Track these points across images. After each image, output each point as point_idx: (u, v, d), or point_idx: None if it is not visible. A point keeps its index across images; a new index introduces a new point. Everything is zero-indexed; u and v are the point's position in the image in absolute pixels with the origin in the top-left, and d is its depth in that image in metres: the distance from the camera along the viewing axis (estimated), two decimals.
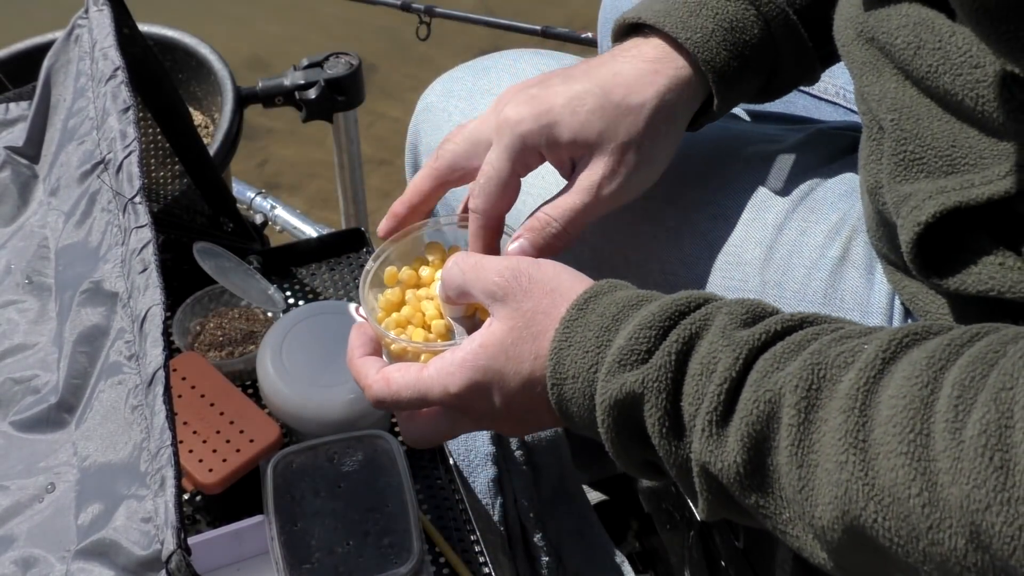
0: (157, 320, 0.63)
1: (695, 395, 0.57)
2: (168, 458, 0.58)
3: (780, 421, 0.53)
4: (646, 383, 0.58)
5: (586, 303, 0.63)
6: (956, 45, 0.57)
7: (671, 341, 0.58)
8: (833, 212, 0.76)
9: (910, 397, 0.48)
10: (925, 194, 0.60)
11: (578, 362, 0.62)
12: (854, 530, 0.50)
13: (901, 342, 0.52)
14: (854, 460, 0.50)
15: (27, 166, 0.87)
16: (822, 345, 0.54)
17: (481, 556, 0.91)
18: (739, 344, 0.56)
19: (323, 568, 0.82)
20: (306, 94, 1.41)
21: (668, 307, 0.60)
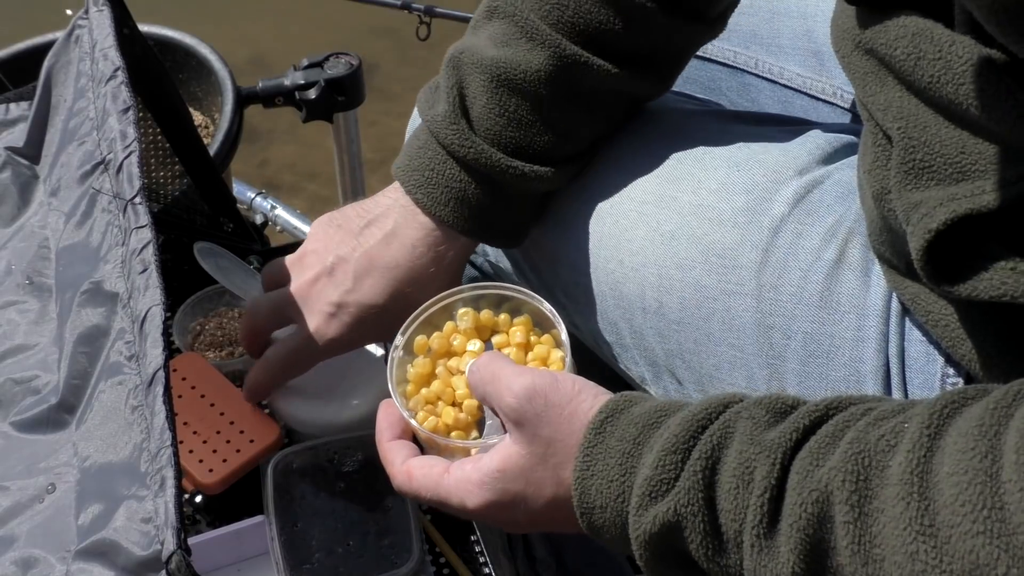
0: (157, 320, 0.63)
1: (735, 511, 0.55)
2: (168, 458, 0.58)
3: (833, 520, 0.52)
4: (679, 510, 0.57)
5: (602, 426, 0.63)
6: (957, 54, 0.57)
7: (694, 459, 0.57)
8: (829, 214, 0.76)
9: (972, 472, 0.47)
10: (936, 201, 0.59)
11: (604, 492, 0.61)
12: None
13: (942, 414, 0.51)
14: (925, 548, 0.48)
15: (27, 167, 0.87)
16: (859, 432, 0.53)
17: (481, 556, 0.91)
18: (772, 449, 0.55)
19: (323, 568, 0.82)
20: (306, 94, 1.41)
21: (688, 424, 0.59)
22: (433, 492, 0.69)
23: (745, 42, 0.96)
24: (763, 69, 0.95)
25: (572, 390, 0.66)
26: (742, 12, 0.96)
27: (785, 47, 0.94)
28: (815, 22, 0.92)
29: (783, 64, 0.94)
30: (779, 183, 0.78)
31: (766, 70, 0.95)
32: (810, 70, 0.93)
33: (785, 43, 0.94)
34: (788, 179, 0.78)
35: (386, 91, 2.50)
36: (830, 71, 0.91)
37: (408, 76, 2.52)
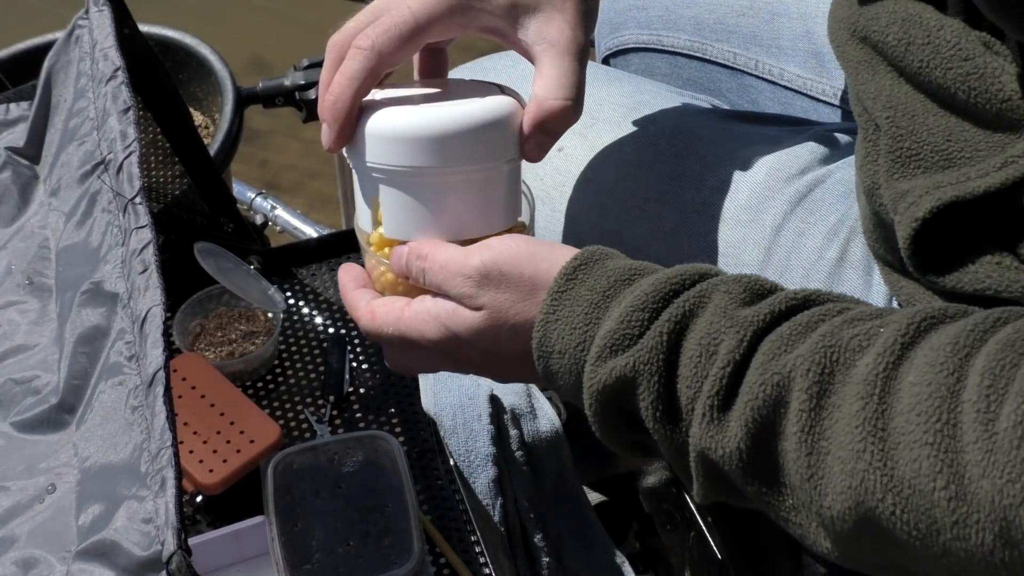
0: (157, 321, 0.63)
1: (693, 378, 0.55)
2: (168, 459, 0.58)
3: (789, 406, 0.51)
4: (637, 366, 0.56)
5: (575, 272, 0.61)
6: (945, 39, 0.57)
7: (663, 320, 0.56)
8: (831, 213, 0.76)
9: (935, 385, 0.47)
10: (922, 190, 0.59)
11: (565, 338, 0.60)
12: (868, 521, 0.49)
13: (919, 326, 0.50)
14: (872, 449, 0.48)
15: (28, 167, 0.87)
16: (833, 327, 0.52)
17: (481, 556, 0.91)
18: (742, 325, 0.54)
19: (323, 568, 0.82)
20: (306, 94, 1.41)
21: (662, 286, 0.58)
22: (394, 327, 0.67)
23: (745, 43, 0.96)
24: (763, 70, 0.96)
25: (533, 248, 0.63)
26: (742, 14, 0.96)
27: (785, 48, 0.94)
28: (815, 23, 0.92)
29: (783, 65, 0.94)
30: (781, 182, 0.78)
31: (766, 71, 0.95)
32: (810, 71, 0.93)
33: (785, 44, 0.94)
34: (790, 178, 0.78)
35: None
36: (830, 72, 0.91)
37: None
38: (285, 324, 1.10)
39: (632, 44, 1.04)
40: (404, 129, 0.66)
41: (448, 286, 0.65)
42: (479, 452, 0.98)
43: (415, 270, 0.67)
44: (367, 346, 1.08)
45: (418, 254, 0.67)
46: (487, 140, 0.67)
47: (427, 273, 0.66)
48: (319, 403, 1.02)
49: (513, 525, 1.00)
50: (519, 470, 1.01)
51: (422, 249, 0.67)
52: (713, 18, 0.98)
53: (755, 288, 0.57)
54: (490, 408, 0.99)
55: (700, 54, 0.98)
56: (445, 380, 1.00)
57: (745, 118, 0.87)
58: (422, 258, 0.66)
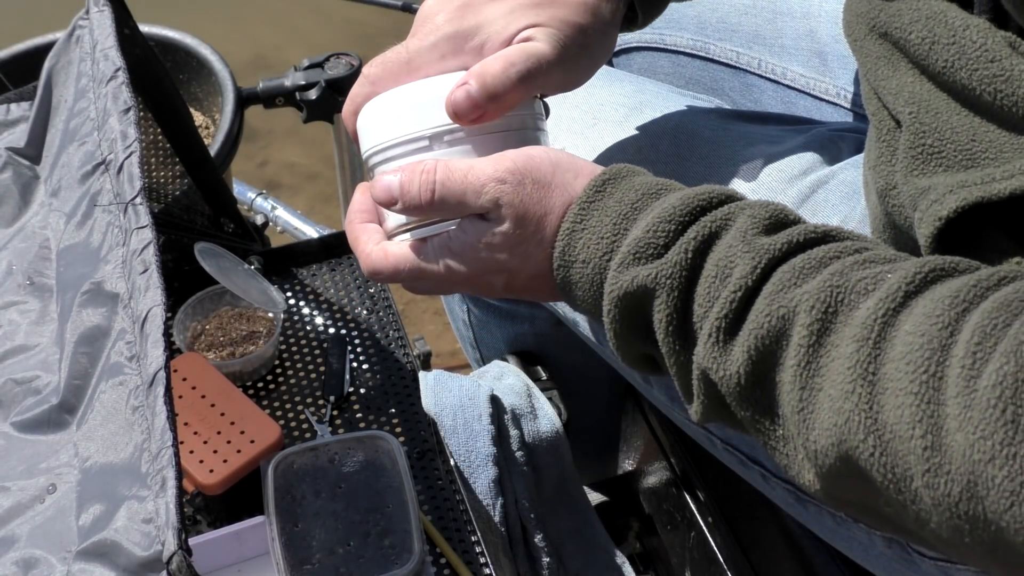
0: (158, 321, 0.63)
1: (706, 297, 0.56)
2: (169, 459, 0.58)
3: (790, 339, 0.52)
4: (659, 279, 0.57)
5: (604, 185, 0.63)
6: (971, 39, 0.56)
7: (688, 238, 0.57)
8: (835, 214, 0.76)
9: (928, 336, 0.47)
10: (945, 188, 0.58)
11: (591, 247, 0.61)
12: (848, 459, 0.50)
13: (927, 276, 0.51)
14: (860, 391, 0.49)
15: (28, 167, 0.87)
16: (844, 267, 0.53)
17: (482, 557, 0.91)
18: (758, 252, 0.55)
19: (324, 569, 0.82)
20: (307, 95, 1.41)
21: (690, 201, 0.59)
22: (413, 262, 0.68)
23: (748, 42, 0.96)
24: (766, 69, 0.96)
25: (549, 160, 0.65)
26: (745, 13, 0.96)
27: (788, 47, 0.94)
28: (818, 22, 0.92)
29: (786, 64, 0.94)
30: (784, 182, 0.78)
31: (769, 70, 0.95)
32: (813, 70, 0.93)
33: (788, 43, 0.94)
34: (793, 178, 0.78)
35: None
36: (833, 71, 0.91)
37: None
38: (285, 324, 1.10)
39: (635, 43, 1.04)
40: (372, 112, 0.70)
41: (472, 194, 0.65)
42: (479, 452, 0.98)
43: (426, 184, 0.66)
44: (367, 346, 1.08)
45: (424, 169, 0.67)
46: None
47: (445, 185, 0.65)
48: (319, 403, 1.03)
49: (513, 525, 1.00)
50: (519, 470, 1.01)
51: (428, 166, 0.67)
52: (716, 17, 0.98)
53: (779, 216, 0.58)
54: (490, 408, 0.99)
55: (703, 53, 0.98)
56: (445, 380, 1.00)
57: (747, 118, 0.87)
58: (428, 172, 0.66)
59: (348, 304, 1.12)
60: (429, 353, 1.34)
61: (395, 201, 0.67)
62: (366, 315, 1.11)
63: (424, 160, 0.67)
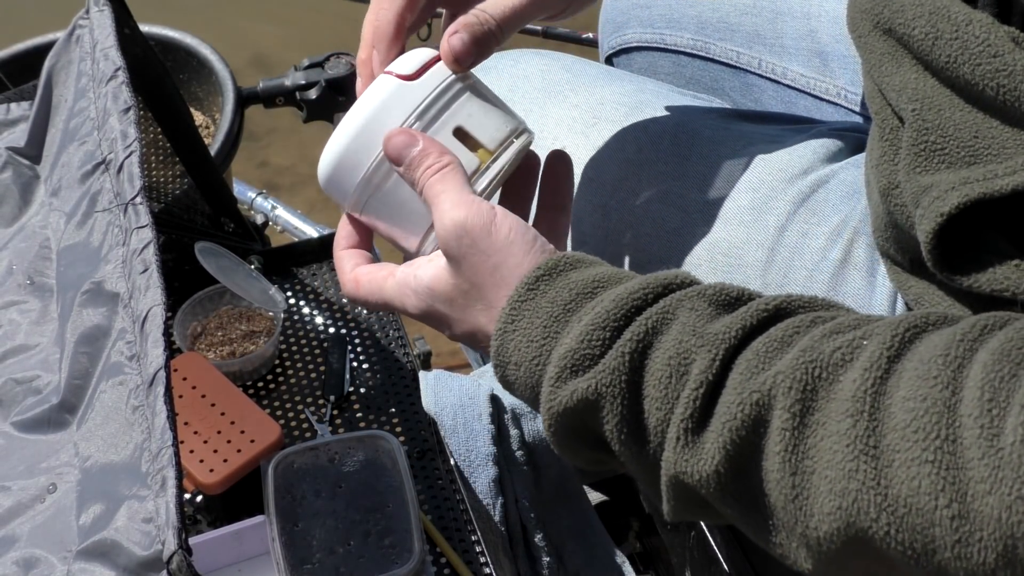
0: (158, 320, 0.63)
1: (663, 399, 0.53)
2: (169, 458, 0.58)
3: (769, 425, 0.50)
4: (600, 388, 0.55)
5: (536, 283, 0.60)
6: (973, 34, 0.56)
7: (625, 339, 0.55)
8: (835, 214, 0.76)
9: (930, 400, 0.46)
10: (948, 185, 0.58)
11: (522, 350, 0.59)
12: (858, 541, 0.48)
13: (904, 336, 0.49)
14: (865, 468, 0.47)
15: (29, 167, 0.87)
16: (813, 341, 0.51)
17: (482, 556, 0.91)
18: (714, 343, 0.53)
19: (324, 568, 0.82)
20: (307, 94, 1.41)
21: (623, 302, 0.56)
22: (378, 296, 0.69)
23: (748, 42, 0.96)
24: (766, 69, 0.96)
25: (504, 240, 0.63)
26: (745, 12, 0.96)
27: (788, 47, 0.94)
28: (819, 22, 0.92)
29: (786, 64, 0.94)
30: (785, 182, 0.78)
31: (769, 70, 0.95)
32: (814, 70, 0.93)
33: (788, 43, 0.94)
34: (794, 178, 0.78)
35: None
36: (834, 72, 0.91)
37: None
38: (285, 324, 1.10)
39: (635, 43, 1.04)
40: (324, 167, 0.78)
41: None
42: (479, 452, 0.98)
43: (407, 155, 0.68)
44: (367, 346, 1.08)
45: (410, 136, 0.68)
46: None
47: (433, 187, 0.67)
48: (319, 403, 1.02)
49: (513, 525, 1.00)
50: (519, 470, 1.01)
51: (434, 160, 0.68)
52: (716, 17, 0.98)
53: (721, 300, 0.56)
54: (490, 408, 0.99)
55: (703, 53, 0.98)
56: (445, 380, 1.00)
57: (748, 117, 0.87)
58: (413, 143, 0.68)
59: (348, 303, 1.12)
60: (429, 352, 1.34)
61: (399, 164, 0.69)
62: (366, 315, 1.11)
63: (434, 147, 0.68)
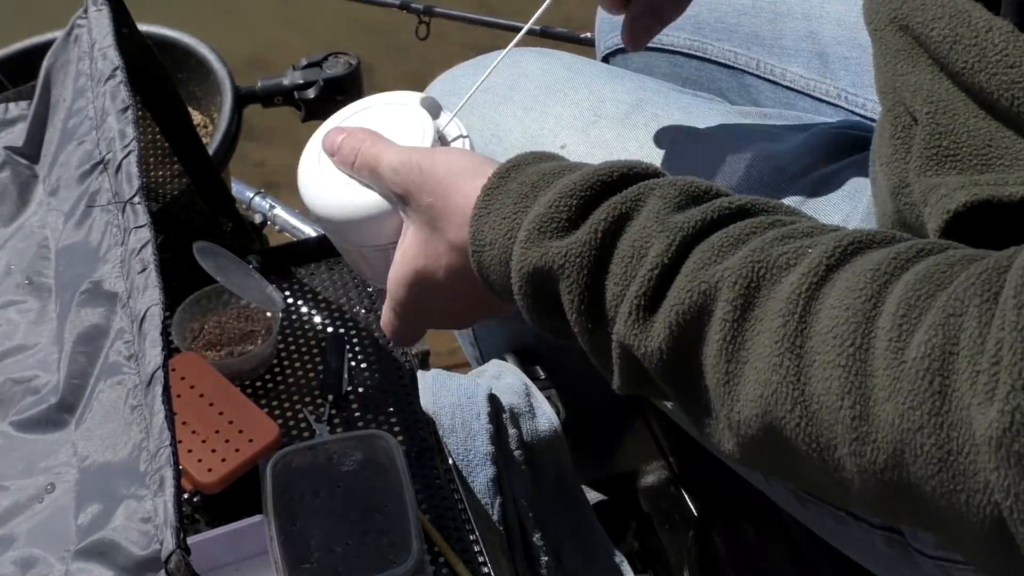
0: (156, 320, 0.63)
1: (622, 275, 0.56)
2: (167, 458, 0.58)
3: (713, 314, 0.53)
4: (568, 257, 0.58)
5: (508, 172, 0.64)
6: (992, 42, 0.55)
7: (599, 218, 0.58)
8: (836, 214, 0.76)
9: (853, 309, 0.48)
10: (956, 184, 0.58)
11: (496, 228, 0.62)
12: (772, 429, 0.51)
13: (846, 249, 0.51)
14: (788, 364, 0.49)
15: (27, 166, 0.87)
16: (764, 242, 0.54)
17: (480, 556, 0.91)
18: (672, 230, 0.56)
19: (322, 568, 0.82)
20: (305, 94, 1.41)
21: (590, 177, 0.60)
22: (385, 312, 0.74)
23: (746, 43, 0.96)
24: (764, 70, 0.95)
25: (446, 158, 0.68)
26: (743, 13, 0.96)
27: (788, 48, 0.94)
28: (819, 23, 0.92)
29: (785, 66, 0.94)
30: (785, 181, 0.78)
31: (767, 71, 0.95)
32: (813, 72, 0.93)
33: (788, 44, 0.94)
34: (794, 177, 0.78)
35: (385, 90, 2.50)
36: (834, 73, 0.91)
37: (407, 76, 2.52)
38: (284, 323, 1.10)
39: None
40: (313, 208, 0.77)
41: (381, 190, 0.71)
42: (478, 451, 0.98)
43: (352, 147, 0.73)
44: (366, 345, 1.08)
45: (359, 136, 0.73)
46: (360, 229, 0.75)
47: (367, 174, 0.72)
48: (318, 402, 1.02)
49: (512, 524, 1.00)
50: (518, 469, 1.01)
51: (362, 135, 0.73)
52: (713, 17, 0.98)
53: (690, 191, 0.58)
54: (489, 407, 0.99)
55: (700, 53, 0.98)
56: (444, 379, 1.00)
57: (748, 116, 0.87)
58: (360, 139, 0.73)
59: (346, 303, 1.12)
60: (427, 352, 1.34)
61: (333, 154, 0.75)
62: (364, 314, 1.11)
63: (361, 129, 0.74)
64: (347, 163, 0.73)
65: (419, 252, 0.69)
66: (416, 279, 0.70)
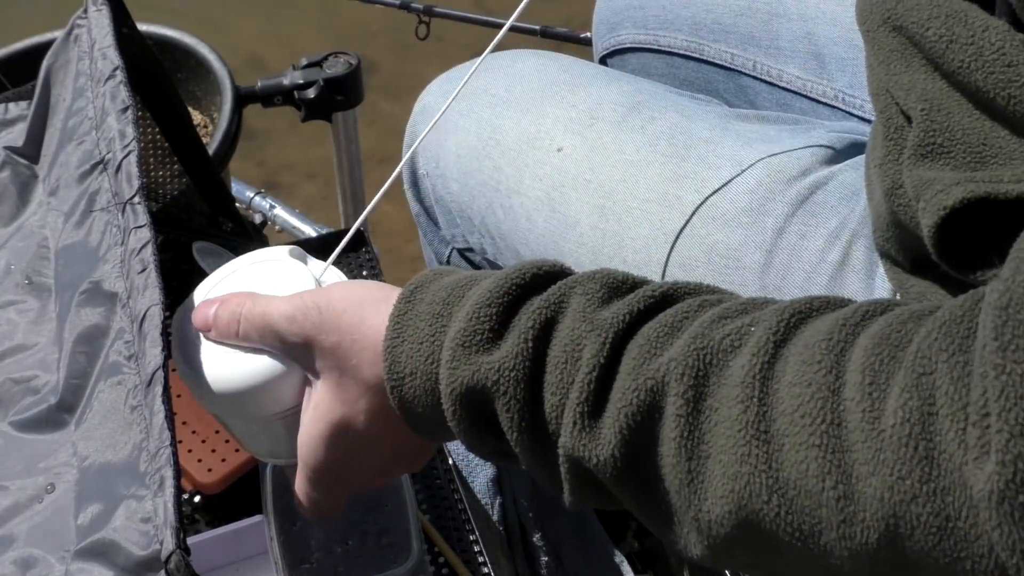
0: (156, 320, 0.63)
1: (559, 384, 0.54)
2: (167, 458, 0.58)
3: (664, 411, 0.51)
4: (502, 371, 0.55)
5: (412, 294, 0.60)
6: (989, 41, 0.55)
7: (526, 326, 0.55)
8: (833, 216, 0.76)
9: (815, 385, 0.47)
10: (952, 180, 0.58)
11: (413, 356, 0.58)
12: (748, 524, 0.49)
13: (789, 322, 0.50)
14: (757, 452, 0.47)
15: (27, 166, 0.87)
16: (703, 328, 0.52)
17: (480, 556, 0.91)
18: (603, 328, 0.53)
19: (322, 568, 0.82)
20: (305, 94, 1.41)
21: (504, 282, 0.57)
22: (300, 484, 0.67)
23: (742, 44, 0.96)
24: (761, 71, 0.95)
25: (343, 291, 0.63)
26: (740, 14, 0.96)
27: (784, 49, 0.94)
28: (816, 24, 0.92)
29: (782, 66, 0.94)
30: (783, 184, 0.78)
31: (764, 72, 0.95)
32: (810, 73, 0.93)
33: (784, 45, 0.94)
34: (792, 180, 0.78)
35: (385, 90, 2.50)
36: (832, 74, 0.91)
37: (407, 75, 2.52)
38: None
39: (629, 44, 1.04)
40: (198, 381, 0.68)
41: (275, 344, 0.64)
42: None
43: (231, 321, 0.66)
44: None
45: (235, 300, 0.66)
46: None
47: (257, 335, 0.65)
48: None
49: (512, 524, 1.00)
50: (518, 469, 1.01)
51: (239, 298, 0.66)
52: (710, 18, 0.98)
53: (610, 283, 0.56)
54: None
55: (697, 54, 0.98)
56: None
57: (746, 118, 0.86)
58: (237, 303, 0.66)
59: None
60: None
61: (209, 328, 0.67)
62: None
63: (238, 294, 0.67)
64: (229, 333, 0.65)
65: (332, 402, 0.63)
66: (333, 433, 0.64)
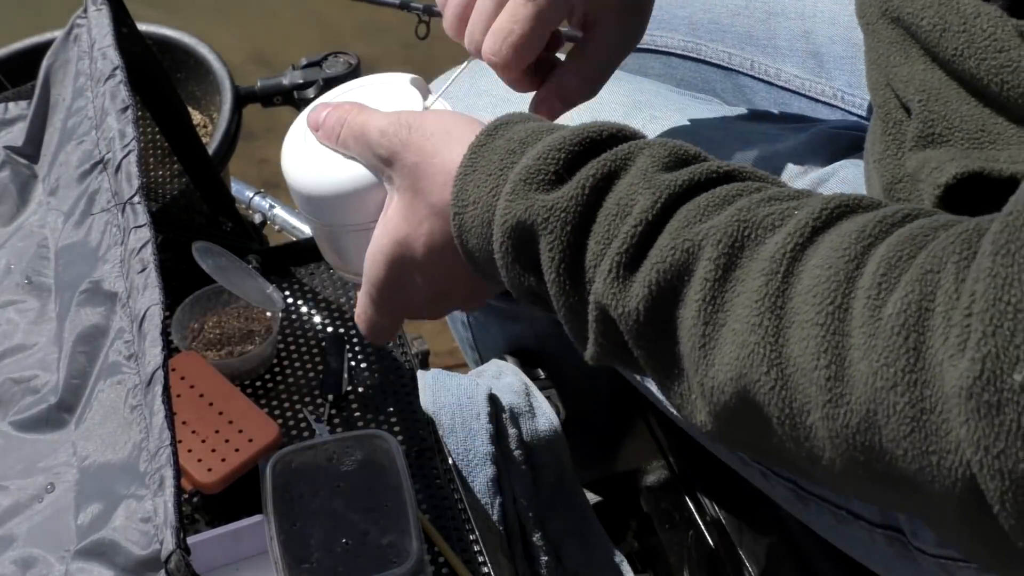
0: (156, 320, 0.63)
1: (605, 233, 0.55)
2: (167, 458, 0.58)
3: (694, 274, 0.52)
4: (554, 210, 0.56)
5: (495, 129, 0.62)
6: (981, 27, 0.56)
7: (587, 174, 0.57)
8: None
9: (835, 269, 0.47)
10: (947, 157, 0.58)
11: (480, 185, 0.60)
12: (746, 394, 0.49)
13: (833, 212, 0.50)
14: (767, 324, 0.48)
15: (26, 166, 0.87)
16: (751, 203, 0.52)
17: (480, 556, 0.91)
18: (659, 187, 0.54)
19: (322, 568, 0.82)
20: (305, 94, 1.41)
21: (580, 133, 0.58)
22: (360, 299, 0.72)
23: (740, 43, 0.96)
24: (759, 70, 0.95)
25: (437, 117, 0.67)
26: (737, 14, 0.96)
27: (782, 48, 0.94)
28: (814, 23, 0.92)
29: (780, 66, 0.94)
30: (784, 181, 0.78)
31: (762, 71, 0.95)
32: (808, 72, 0.93)
33: (782, 44, 0.94)
34: (792, 177, 0.78)
35: None
36: (830, 73, 0.91)
37: None
38: (284, 323, 1.10)
39: None
40: (297, 187, 0.76)
41: (366, 157, 0.69)
42: (478, 451, 0.98)
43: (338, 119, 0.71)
44: (366, 345, 1.08)
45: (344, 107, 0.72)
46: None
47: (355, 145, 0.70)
48: (318, 402, 1.02)
49: (512, 524, 1.00)
50: (518, 469, 1.01)
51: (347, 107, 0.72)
52: (707, 18, 0.98)
53: (679, 154, 0.57)
54: (489, 407, 0.99)
55: (694, 54, 0.98)
56: (444, 379, 1.00)
57: (744, 117, 0.86)
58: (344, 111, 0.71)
59: (346, 303, 1.12)
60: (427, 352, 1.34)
61: (318, 129, 0.73)
62: None
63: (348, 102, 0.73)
64: (332, 136, 0.71)
65: (400, 220, 0.67)
66: (394, 251, 0.67)
